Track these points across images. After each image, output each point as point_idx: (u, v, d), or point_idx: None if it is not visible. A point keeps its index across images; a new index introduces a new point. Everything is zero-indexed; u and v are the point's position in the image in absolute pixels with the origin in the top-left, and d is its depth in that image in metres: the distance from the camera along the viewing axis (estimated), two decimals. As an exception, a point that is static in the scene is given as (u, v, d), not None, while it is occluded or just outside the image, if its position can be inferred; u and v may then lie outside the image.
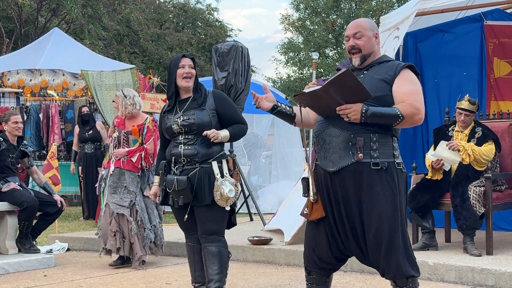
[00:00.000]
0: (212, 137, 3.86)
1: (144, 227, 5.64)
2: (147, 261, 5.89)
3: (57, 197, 6.16)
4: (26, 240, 6.08)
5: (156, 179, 4.10)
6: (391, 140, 3.17)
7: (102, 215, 5.72)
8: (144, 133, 5.73)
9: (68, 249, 6.75)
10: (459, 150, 5.34)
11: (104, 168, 5.96)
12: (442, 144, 5.45)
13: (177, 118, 3.95)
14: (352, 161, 3.10)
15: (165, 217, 8.75)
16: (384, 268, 3.10)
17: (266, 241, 5.92)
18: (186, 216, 3.96)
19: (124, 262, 5.78)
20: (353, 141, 3.11)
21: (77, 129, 9.11)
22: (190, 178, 3.89)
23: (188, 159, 3.92)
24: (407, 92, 3.14)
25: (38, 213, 6.18)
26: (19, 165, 6.42)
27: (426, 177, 5.54)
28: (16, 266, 5.65)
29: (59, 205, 6.10)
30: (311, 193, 3.22)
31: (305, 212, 3.29)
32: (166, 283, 4.97)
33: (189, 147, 3.92)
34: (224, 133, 3.94)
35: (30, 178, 7.87)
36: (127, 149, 5.67)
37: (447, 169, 5.41)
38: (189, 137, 3.94)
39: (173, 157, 3.96)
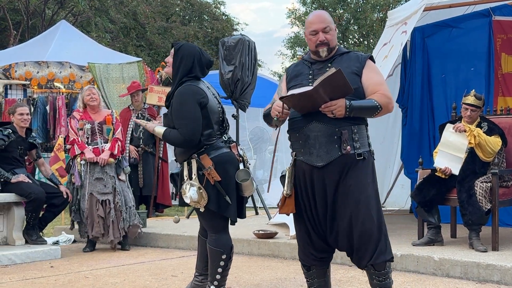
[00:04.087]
0: (144, 126, 3.97)
1: (120, 210, 6.05)
2: (153, 253, 5.97)
3: (63, 188, 6.18)
4: (33, 232, 6.11)
5: None
6: (365, 130, 3.34)
7: (85, 204, 6.02)
8: (114, 123, 6.27)
9: (74, 241, 6.78)
10: (465, 131, 5.33)
11: (80, 159, 6.12)
12: (449, 127, 5.48)
13: None
14: (339, 154, 3.22)
15: (170, 210, 8.78)
16: (371, 254, 3.20)
17: (271, 235, 5.93)
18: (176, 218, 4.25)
19: (95, 246, 6.27)
20: (338, 134, 3.22)
21: None
22: (178, 175, 4.01)
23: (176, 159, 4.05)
24: (378, 82, 3.32)
25: (44, 205, 6.20)
26: (26, 157, 6.45)
27: (437, 173, 5.53)
28: (23, 257, 5.68)
29: (65, 196, 6.13)
30: (286, 188, 3.33)
31: (277, 204, 3.41)
32: (172, 275, 4.98)
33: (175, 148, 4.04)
34: (159, 130, 3.85)
35: (37, 170, 7.90)
36: (107, 149, 6.10)
37: (456, 173, 5.39)
38: None
39: None
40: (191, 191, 3.78)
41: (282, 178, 3.40)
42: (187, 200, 3.81)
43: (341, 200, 3.24)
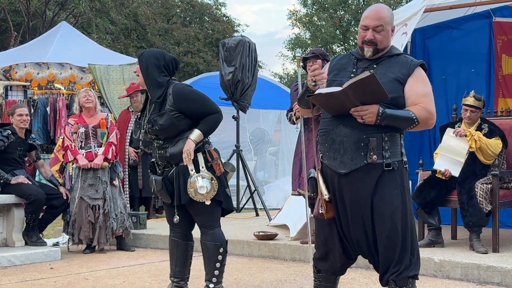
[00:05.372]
0: (188, 160, 3.84)
1: (109, 215, 6.07)
2: (153, 254, 5.96)
3: (62, 190, 6.18)
4: (33, 233, 6.10)
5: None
6: (399, 138, 3.11)
7: (72, 208, 6.05)
8: (108, 126, 6.24)
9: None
10: (466, 136, 5.32)
11: (73, 164, 6.17)
12: (449, 132, 5.45)
13: (145, 126, 4.00)
14: (365, 162, 3.01)
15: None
16: (394, 270, 3.02)
17: (271, 236, 5.93)
18: (176, 218, 4.00)
19: (93, 247, 6.21)
20: (365, 141, 3.01)
21: None
22: (169, 178, 3.95)
23: (165, 162, 3.99)
24: (421, 94, 3.05)
25: (44, 206, 6.19)
26: (26, 158, 6.44)
27: (437, 175, 5.51)
28: (22, 258, 5.67)
29: (65, 197, 6.12)
30: (325, 192, 3.12)
31: (320, 212, 3.16)
32: (171, 277, 4.97)
33: (162, 152, 3.98)
34: (195, 136, 3.87)
35: (37, 172, 7.89)
36: (100, 153, 6.09)
37: (456, 175, 5.37)
38: (160, 142, 3.99)
39: (155, 160, 4.07)
40: (205, 182, 3.83)
41: (311, 180, 3.21)
42: (203, 191, 3.83)
43: (365, 212, 3.05)
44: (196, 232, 4.12)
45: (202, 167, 3.89)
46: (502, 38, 7.03)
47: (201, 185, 3.82)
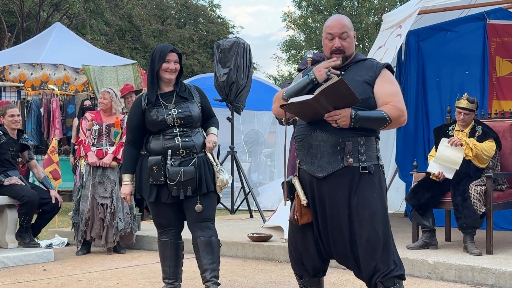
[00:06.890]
0: (213, 147, 4.07)
1: (116, 215, 6.04)
2: (146, 256, 5.96)
3: (53, 193, 6.12)
4: (26, 234, 6.07)
5: (127, 177, 4.04)
6: (374, 142, 3.17)
7: (85, 206, 6.03)
8: (123, 127, 6.17)
9: (67, 244, 6.75)
10: (461, 145, 5.32)
11: (84, 160, 6.13)
12: (444, 141, 5.43)
13: (171, 111, 3.97)
14: (342, 166, 3.08)
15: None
16: (381, 272, 3.05)
17: (266, 238, 5.92)
18: (199, 205, 3.94)
19: (90, 249, 6.26)
20: (342, 145, 3.07)
21: (76, 122, 9.04)
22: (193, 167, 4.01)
23: (187, 151, 3.97)
24: (390, 93, 3.14)
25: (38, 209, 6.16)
26: (19, 159, 6.41)
27: (431, 177, 5.51)
28: (15, 260, 5.65)
29: (53, 201, 6.06)
30: (303, 198, 3.18)
31: (295, 217, 3.22)
32: (165, 278, 4.96)
33: (187, 139, 3.99)
34: (216, 132, 4.18)
35: (30, 174, 7.86)
36: (111, 152, 6.06)
37: (450, 177, 5.37)
38: (185, 129, 3.99)
39: (169, 150, 3.95)
40: (227, 174, 4.11)
41: (283, 184, 3.25)
42: (230, 180, 4.13)
43: (344, 217, 3.09)
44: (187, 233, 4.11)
45: (217, 163, 4.10)
46: (496, 40, 7.05)
47: (229, 175, 4.11)
